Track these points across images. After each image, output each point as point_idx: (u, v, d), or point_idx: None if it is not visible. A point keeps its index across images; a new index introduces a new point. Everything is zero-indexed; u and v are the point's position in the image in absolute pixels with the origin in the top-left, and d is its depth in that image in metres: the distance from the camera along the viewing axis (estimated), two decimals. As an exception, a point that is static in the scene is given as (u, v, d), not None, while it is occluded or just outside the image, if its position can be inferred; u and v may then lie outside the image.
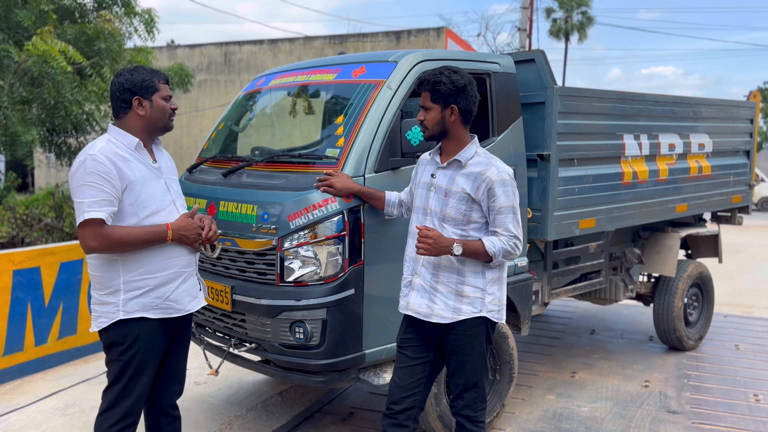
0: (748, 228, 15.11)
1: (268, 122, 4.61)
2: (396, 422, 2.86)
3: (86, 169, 2.49)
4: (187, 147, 18.98)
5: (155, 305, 2.63)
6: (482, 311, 2.79)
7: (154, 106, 2.66)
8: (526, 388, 4.87)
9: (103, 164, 2.50)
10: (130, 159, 2.60)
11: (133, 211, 2.58)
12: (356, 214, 3.23)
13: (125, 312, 2.59)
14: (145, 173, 2.64)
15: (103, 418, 2.65)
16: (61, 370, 5.06)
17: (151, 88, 2.65)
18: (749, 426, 4.31)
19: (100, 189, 2.48)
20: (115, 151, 2.57)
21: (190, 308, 2.77)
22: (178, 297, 2.70)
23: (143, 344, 2.63)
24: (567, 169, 4.33)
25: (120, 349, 2.62)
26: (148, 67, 2.76)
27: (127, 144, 2.62)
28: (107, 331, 2.63)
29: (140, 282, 2.60)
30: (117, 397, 2.64)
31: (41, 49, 6.02)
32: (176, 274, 2.69)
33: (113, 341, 2.63)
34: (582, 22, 38.60)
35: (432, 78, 2.75)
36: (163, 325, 2.68)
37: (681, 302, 5.65)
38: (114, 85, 2.66)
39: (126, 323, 2.60)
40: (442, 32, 16.57)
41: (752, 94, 6.63)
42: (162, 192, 2.69)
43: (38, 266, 5.00)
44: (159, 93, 2.67)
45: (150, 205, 2.62)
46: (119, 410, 2.64)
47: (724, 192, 5.97)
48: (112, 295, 2.60)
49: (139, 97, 2.64)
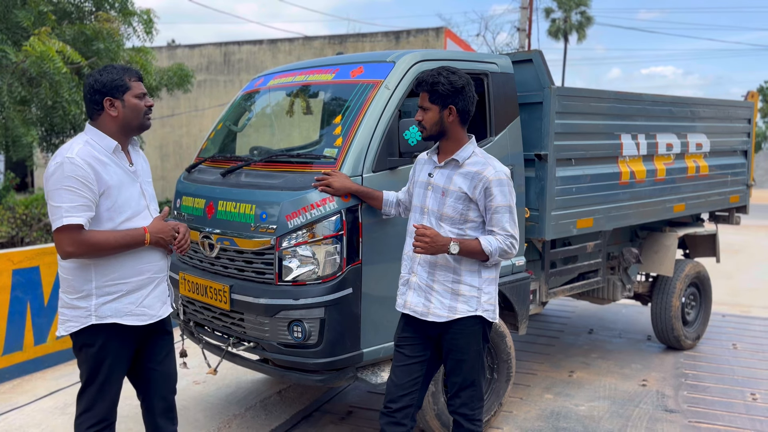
0: (747, 228, 15.13)
1: (266, 122, 4.62)
2: (393, 420, 2.88)
3: (64, 172, 2.43)
4: (187, 147, 18.98)
5: (129, 311, 2.60)
6: (478, 310, 2.80)
7: (127, 105, 2.59)
8: (524, 387, 4.88)
9: (81, 168, 2.44)
10: (108, 163, 2.56)
11: (110, 216, 2.54)
12: (354, 214, 3.25)
13: (98, 317, 2.55)
14: (123, 177, 2.60)
15: (81, 421, 2.64)
16: (61, 370, 5.07)
17: (121, 87, 2.57)
18: (746, 425, 4.32)
19: (78, 193, 2.43)
20: (93, 154, 2.52)
21: (161, 314, 2.74)
22: (151, 303, 2.68)
23: (113, 348, 2.61)
24: (564, 169, 4.34)
25: (91, 351, 2.59)
26: (119, 65, 2.67)
27: (105, 147, 2.57)
28: (78, 334, 2.60)
29: (113, 287, 2.57)
30: (93, 398, 2.63)
31: (39, 49, 6.04)
32: (149, 279, 2.67)
33: (84, 343, 2.61)
34: (581, 22, 38.64)
35: (430, 79, 2.77)
36: (136, 329, 2.65)
37: (679, 302, 5.67)
38: (84, 87, 2.61)
39: (96, 327, 2.57)
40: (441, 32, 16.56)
41: (750, 94, 6.65)
42: (137, 196, 2.66)
43: (37, 266, 5.02)
44: (131, 91, 2.59)
45: (126, 210, 2.59)
46: (96, 412, 2.63)
47: (721, 192, 5.98)
48: (83, 300, 2.56)
49: (109, 98, 2.57)
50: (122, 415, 4.11)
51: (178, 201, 3.94)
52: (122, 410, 4.15)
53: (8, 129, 6.44)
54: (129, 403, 4.09)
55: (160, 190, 18.49)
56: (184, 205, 3.85)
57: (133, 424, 4.02)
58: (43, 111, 7.07)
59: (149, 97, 2.69)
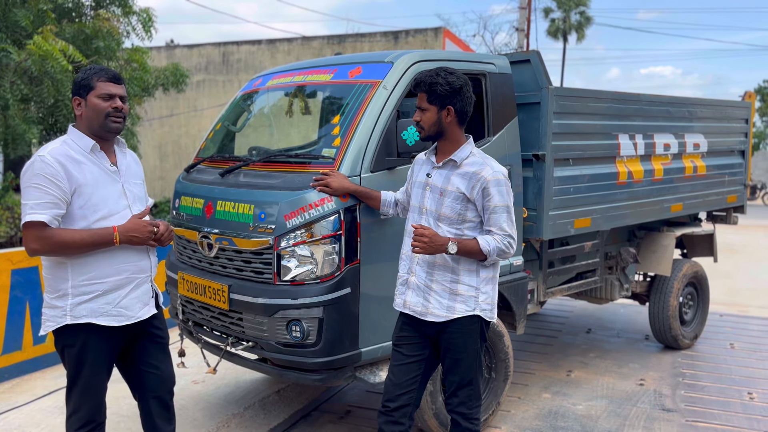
0: (745, 227, 15.16)
1: (265, 122, 4.63)
2: (391, 419, 2.89)
3: (33, 170, 2.45)
4: (185, 147, 18.99)
5: (104, 311, 2.58)
6: (476, 310, 2.82)
7: (88, 105, 2.57)
8: (522, 387, 4.90)
9: (50, 166, 2.45)
10: (84, 161, 2.54)
11: (83, 214, 2.52)
12: (352, 214, 3.26)
13: (72, 317, 2.54)
14: (99, 176, 2.57)
15: (71, 422, 2.65)
16: (60, 369, 5.07)
17: (87, 86, 2.56)
18: (743, 424, 4.34)
19: (44, 191, 2.44)
20: (66, 152, 2.52)
21: (140, 315, 2.69)
22: (129, 303, 2.64)
23: (93, 348, 2.59)
24: (562, 169, 4.35)
25: (72, 352, 2.59)
26: (98, 66, 2.66)
27: (83, 146, 2.57)
28: (58, 334, 2.60)
29: (89, 287, 2.55)
30: (79, 400, 2.63)
31: (43, 48, 6.05)
32: (127, 279, 2.63)
33: (65, 344, 2.61)
34: (580, 22, 38.63)
35: (428, 79, 2.78)
36: (115, 330, 2.63)
37: (676, 301, 5.68)
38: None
39: (74, 327, 2.55)
40: (440, 32, 16.58)
41: (747, 94, 6.67)
42: (117, 196, 2.63)
43: (36, 266, 5.02)
44: (94, 91, 2.56)
45: (101, 209, 2.56)
46: (84, 413, 2.64)
47: (719, 192, 6.00)
48: (60, 299, 2.55)
49: (77, 97, 2.58)
50: (121, 414, 4.13)
51: (177, 201, 3.95)
52: (121, 410, 4.17)
53: (9, 127, 6.45)
54: (128, 403, 4.11)
55: (159, 190, 18.50)
56: (182, 205, 3.86)
57: (132, 423, 4.02)
58: (43, 110, 7.09)
59: (118, 100, 2.61)
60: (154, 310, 2.79)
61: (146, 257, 2.72)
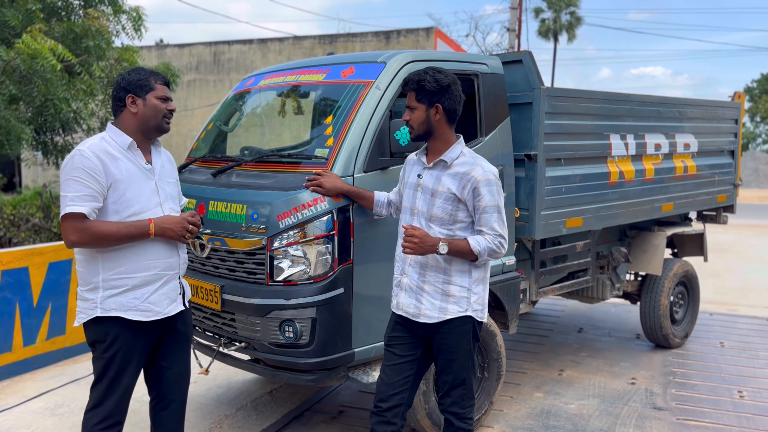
0: (734, 227, 15.28)
1: (257, 122, 4.62)
2: (384, 420, 2.89)
3: (73, 164, 2.52)
4: (176, 146, 18.91)
5: (133, 306, 2.63)
6: (468, 310, 2.82)
7: (147, 104, 2.67)
8: (514, 386, 4.91)
9: (89, 160, 2.52)
10: (120, 158, 2.61)
11: (116, 209, 2.59)
12: (345, 214, 3.26)
13: (103, 309, 2.60)
14: (134, 173, 2.64)
15: (90, 416, 2.67)
16: (50, 371, 5.04)
17: (145, 86, 2.67)
18: (733, 422, 4.37)
19: (84, 184, 2.51)
20: (105, 148, 2.59)
21: (168, 312, 2.74)
22: (157, 299, 2.69)
23: (123, 344, 2.63)
24: (554, 169, 4.37)
25: (102, 346, 2.64)
26: (149, 68, 2.76)
27: (120, 143, 2.64)
28: (89, 327, 2.65)
29: (119, 281, 2.61)
30: (103, 394, 2.65)
31: (32, 47, 6.00)
32: (156, 276, 2.69)
33: (96, 339, 2.65)
34: (570, 22, 38.81)
35: (416, 77, 2.79)
36: (144, 326, 2.67)
37: (667, 300, 5.72)
38: (114, 85, 2.72)
39: (105, 321, 2.61)
40: (431, 32, 16.61)
41: (737, 94, 6.71)
42: (149, 193, 2.69)
43: (26, 266, 4.99)
44: (154, 92, 2.68)
45: (134, 205, 2.62)
46: (105, 408, 2.65)
47: (709, 191, 6.04)
48: (91, 292, 2.62)
49: (132, 95, 2.66)
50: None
51: (169, 201, 3.92)
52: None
53: (1, 127, 6.40)
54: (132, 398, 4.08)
55: (150, 190, 18.38)
56: (174, 206, 3.84)
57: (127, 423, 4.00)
58: (33, 109, 7.03)
59: (171, 103, 2.75)
60: (182, 307, 2.84)
61: (176, 254, 2.77)
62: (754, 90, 51.16)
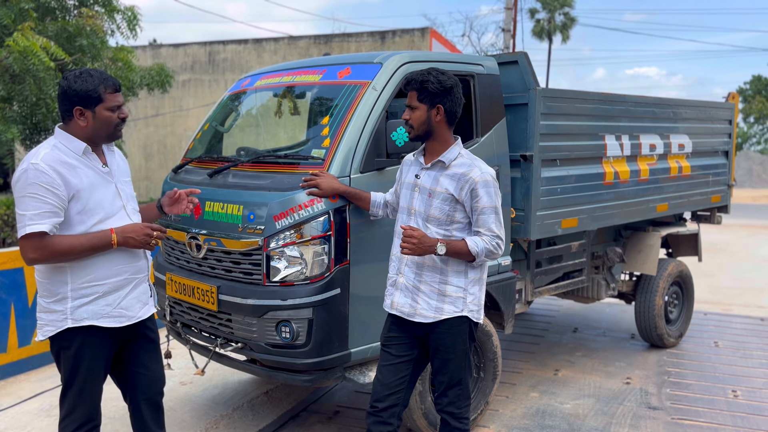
0: (728, 227, 15.35)
1: (253, 123, 4.62)
2: (380, 420, 2.89)
3: (28, 179, 2.38)
4: (171, 147, 18.86)
5: (105, 313, 2.56)
6: (464, 311, 2.83)
7: (97, 117, 2.51)
8: (510, 386, 4.92)
9: (45, 174, 2.39)
10: (78, 165, 2.50)
11: (81, 219, 2.49)
12: (342, 215, 3.26)
13: (74, 320, 2.51)
14: (94, 179, 2.54)
15: (65, 424, 2.61)
16: (45, 372, 5.03)
17: (94, 98, 2.49)
18: (727, 421, 4.40)
19: (42, 200, 2.38)
20: (60, 158, 2.46)
21: (141, 315, 2.68)
22: (129, 304, 2.63)
23: (91, 350, 2.56)
24: (550, 170, 4.38)
25: (68, 354, 2.55)
26: (97, 72, 2.55)
27: (74, 149, 2.51)
28: (54, 337, 2.57)
29: (89, 289, 2.52)
30: (74, 402, 2.59)
31: (22, 44, 5.97)
32: (126, 280, 2.62)
33: (61, 346, 2.57)
34: (565, 22, 38.91)
35: (419, 77, 2.79)
36: (113, 331, 2.61)
37: (662, 300, 5.74)
38: (59, 91, 2.53)
39: (73, 330, 2.53)
40: (426, 33, 16.61)
41: (731, 95, 6.75)
42: (112, 197, 2.60)
43: (21, 267, 4.97)
44: (104, 104, 2.51)
45: (99, 213, 2.53)
46: (79, 415, 2.60)
47: (703, 192, 6.07)
48: (59, 303, 2.52)
49: (80, 108, 2.49)
50: (108, 416, 4.09)
51: (165, 201, 3.92)
52: (108, 412, 4.13)
53: None
54: (115, 405, 4.08)
55: (145, 191, 18.36)
56: (170, 206, 3.83)
57: (120, 425, 4.00)
58: (25, 108, 6.99)
59: (124, 108, 2.61)
60: (153, 309, 2.79)
61: (143, 257, 2.72)
62: (747, 91, 51.43)
